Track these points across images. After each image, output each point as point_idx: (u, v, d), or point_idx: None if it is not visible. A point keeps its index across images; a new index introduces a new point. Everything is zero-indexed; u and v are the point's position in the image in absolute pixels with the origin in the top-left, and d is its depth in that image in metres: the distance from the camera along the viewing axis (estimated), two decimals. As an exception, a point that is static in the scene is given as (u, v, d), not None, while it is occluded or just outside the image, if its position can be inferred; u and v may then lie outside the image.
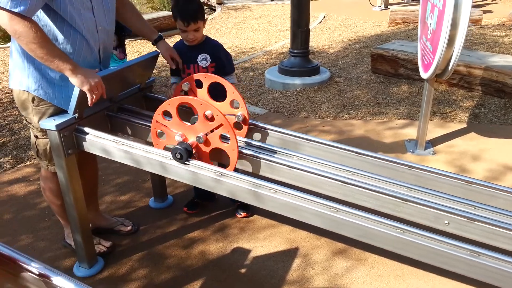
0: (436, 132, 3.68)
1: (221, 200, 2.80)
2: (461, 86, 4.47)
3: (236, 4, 11.30)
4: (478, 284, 1.69)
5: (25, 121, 2.10)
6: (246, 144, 2.03)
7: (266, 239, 2.49)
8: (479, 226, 1.58)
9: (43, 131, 2.01)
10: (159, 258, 2.37)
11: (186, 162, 1.82)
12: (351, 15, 9.26)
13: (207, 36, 2.45)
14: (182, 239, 2.51)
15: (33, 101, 1.96)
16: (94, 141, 1.97)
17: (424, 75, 3.22)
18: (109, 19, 2.06)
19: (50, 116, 1.98)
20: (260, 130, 2.20)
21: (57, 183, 2.12)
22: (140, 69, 2.28)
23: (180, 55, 2.36)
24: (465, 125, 3.79)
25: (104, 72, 2.00)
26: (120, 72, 2.13)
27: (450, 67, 2.94)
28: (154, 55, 2.30)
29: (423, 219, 1.67)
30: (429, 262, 1.53)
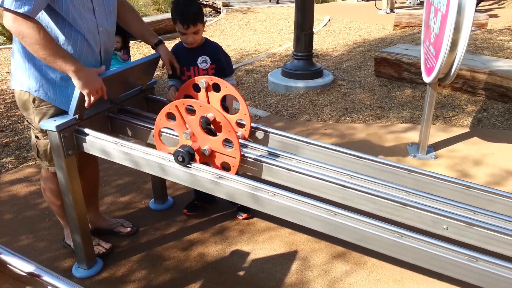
0: (439, 136, 3.66)
1: (221, 203, 2.80)
2: (465, 91, 4.45)
3: (242, 7, 11.34)
4: (477, 290, 1.68)
5: (26, 122, 2.11)
6: (246, 147, 2.03)
7: (266, 242, 2.49)
8: (478, 231, 1.57)
9: (44, 132, 2.02)
10: (158, 260, 2.37)
11: (188, 165, 1.82)
12: (356, 19, 9.26)
13: (206, 38, 2.46)
14: (181, 241, 2.51)
15: (34, 102, 1.97)
16: (94, 142, 1.97)
17: (427, 79, 3.21)
18: (110, 20, 2.06)
19: (51, 117, 1.99)
20: (261, 133, 2.20)
21: (57, 184, 2.12)
22: (142, 71, 2.28)
23: (180, 58, 2.37)
24: (468, 130, 3.77)
25: (106, 74, 2.00)
26: (122, 74, 2.13)
27: (453, 72, 2.93)
28: (156, 57, 2.31)
29: (422, 224, 1.66)
30: (427, 267, 1.52)
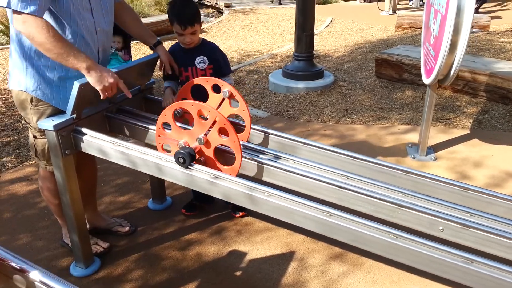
0: (439, 138, 3.65)
1: (220, 203, 2.80)
2: (466, 92, 4.44)
3: (244, 8, 11.35)
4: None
5: (24, 121, 2.12)
6: (244, 148, 2.03)
7: (263, 242, 2.49)
8: (474, 233, 1.57)
9: (42, 131, 2.02)
10: (156, 260, 2.37)
11: (189, 167, 1.82)
12: (359, 20, 9.26)
13: (203, 38, 2.46)
14: (179, 241, 2.51)
15: (32, 102, 1.98)
16: (91, 142, 1.97)
17: (426, 81, 3.21)
18: (108, 20, 2.07)
19: (49, 117, 1.99)
20: (258, 134, 2.20)
21: (55, 183, 2.12)
22: (140, 71, 2.29)
23: (178, 58, 2.37)
24: (468, 131, 3.76)
25: None
26: (120, 74, 2.13)
27: (452, 73, 2.92)
28: (155, 57, 2.32)
29: (418, 225, 1.65)
30: (422, 268, 1.52)
